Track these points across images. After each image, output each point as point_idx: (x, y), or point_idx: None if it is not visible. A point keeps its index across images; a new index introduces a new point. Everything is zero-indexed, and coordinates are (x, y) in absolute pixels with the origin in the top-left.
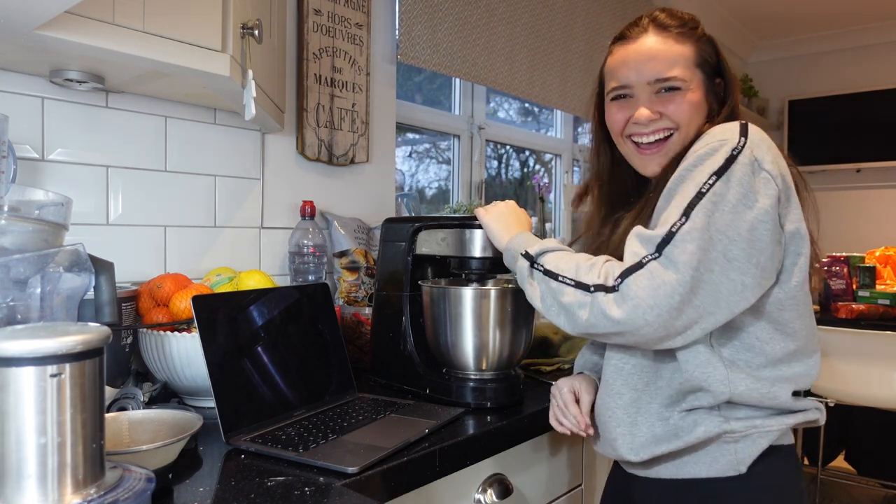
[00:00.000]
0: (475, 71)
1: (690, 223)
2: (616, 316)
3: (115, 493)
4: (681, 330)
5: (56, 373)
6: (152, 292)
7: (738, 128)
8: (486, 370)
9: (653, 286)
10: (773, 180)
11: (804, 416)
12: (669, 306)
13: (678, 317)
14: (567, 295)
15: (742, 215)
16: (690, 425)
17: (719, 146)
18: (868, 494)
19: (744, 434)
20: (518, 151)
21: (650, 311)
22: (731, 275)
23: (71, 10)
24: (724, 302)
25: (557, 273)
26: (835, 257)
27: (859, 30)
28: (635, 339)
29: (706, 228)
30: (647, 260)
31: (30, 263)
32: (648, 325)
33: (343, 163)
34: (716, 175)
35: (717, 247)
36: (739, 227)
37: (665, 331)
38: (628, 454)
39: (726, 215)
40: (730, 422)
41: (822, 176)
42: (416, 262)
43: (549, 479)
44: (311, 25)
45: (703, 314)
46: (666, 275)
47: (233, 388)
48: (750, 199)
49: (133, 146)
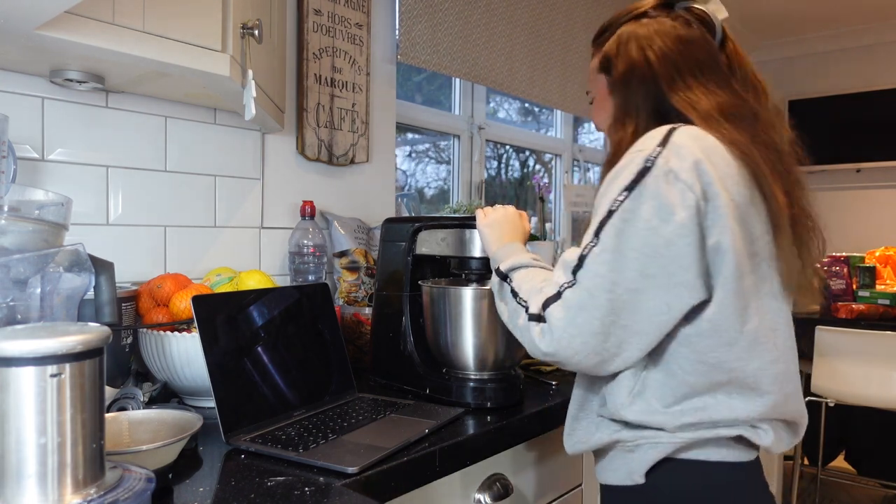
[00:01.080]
0: (475, 71)
1: (601, 245)
2: (543, 348)
3: (115, 493)
4: (615, 351)
5: (56, 373)
6: (152, 292)
7: (660, 135)
8: (486, 370)
9: (569, 316)
10: (690, 189)
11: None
12: (591, 332)
13: (606, 339)
14: (521, 318)
15: (657, 231)
16: (594, 430)
17: (633, 158)
18: (868, 494)
19: (636, 444)
20: (518, 151)
21: (574, 340)
22: (653, 293)
23: (71, 10)
24: (653, 322)
25: (518, 293)
26: (835, 257)
27: (859, 30)
28: (573, 366)
29: (617, 249)
30: (563, 289)
31: (30, 263)
32: (577, 353)
33: (343, 163)
34: (626, 191)
35: (631, 265)
36: (655, 243)
37: (598, 356)
38: (566, 447)
39: (640, 232)
40: (621, 431)
41: (822, 176)
42: (416, 262)
43: (549, 479)
44: (311, 25)
45: (634, 333)
46: (582, 302)
47: (233, 388)
48: (665, 213)
49: (133, 146)
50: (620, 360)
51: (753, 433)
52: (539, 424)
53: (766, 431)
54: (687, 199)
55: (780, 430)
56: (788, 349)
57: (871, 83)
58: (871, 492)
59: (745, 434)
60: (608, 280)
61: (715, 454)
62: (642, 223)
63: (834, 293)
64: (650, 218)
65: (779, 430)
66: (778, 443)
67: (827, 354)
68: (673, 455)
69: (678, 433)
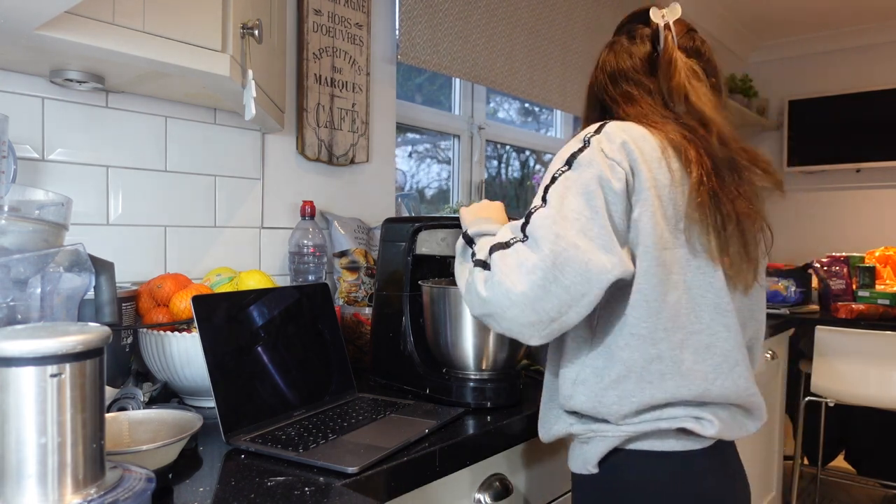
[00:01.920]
0: (475, 71)
1: (547, 206)
2: (483, 294)
3: (115, 493)
4: (554, 315)
5: (56, 373)
6: (152, 292)
7: (596, 125)
8: (486, 370)
9: (517, 263)
10: (620, 165)
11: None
12: (532, 283)
13: (545, 297)
14: (464, 276)
15: (595, 195)
16: (553, 421)
17: (573, 143)
18: (868, 494)
19: (587, 437)
20: (518, 151)
21: (513, 289)
22: (595, 254)
23: (71, 10)
24: (594, 281)
25: (476, 252)
26: (835, 257)
27: (859, 30)
28: (507, 324)
29: (560, 207)
30: (513, 241)
31: (30, 263)
32: (514, 304)
33: (343, 163)
34: (566, 164)
35: (574, 225)
36: (595, 205)
37: (535, 314)
38: (540, 436)
39: (579, 196)
40: (574, 425)
41: (822, 176)
42: (416, 262)
43: (549, 479)
44: (311, 25)
45: (575, 296)
46: (528, 253)
47: (233, 388)
48: (602, 181)
49: (133, 146)
50: (556, 326)
51: (697, 424)
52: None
53: (711, 422)
54: (617, 172)
55: (727, 418)
56: (720, 325)
57: (871, 83)
58: (871, 492)
59: (688, 426)
60: (552, 232)
61: (660, 444)
62: (581, 188)
63: (834, 293)
64: (588, 182)
65: (725, 418)
66: (728, 430)
67: (827, 354)
68: (622, 446)
69: (623, 426)
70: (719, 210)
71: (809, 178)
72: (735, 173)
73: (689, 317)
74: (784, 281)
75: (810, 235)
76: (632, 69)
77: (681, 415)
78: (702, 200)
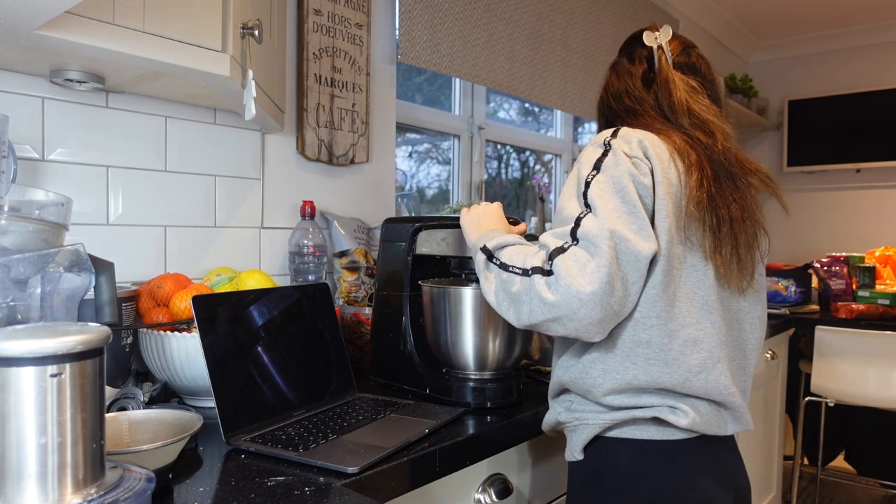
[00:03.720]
0: (475, 71)
1: (593, 209)
2: (550, 299)
3: (115, 493)
4: (617, 309)
5: (56, 373)
6: (152, 292)
7: (610, 130)
8: (487, 370)
9: (579, 266)
10: (642, 161)
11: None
12: (601, 282)
13: (611, 292)
14: (515, 285)
15: (629, 190)
16: (549, 412)
17: (591, 148)
18: (868, 494)
19: (574, 426)
20: (518, 151)
21: (584, 290)
22: (641, 243)
23: (71, 10)
24: (643, 267)
25: (509, 264)
26: (835, 257)
27: (859, 30)
28: (575, 324)
29: (605, 208)
30: (567, 245)
31: (30, 263)
32: (584, 305)
33: (343, 163)
34: (595, 168)
35: (619, 221)
36: (631, 199)
37: (603, 311)
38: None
39: (615, 195)
40: (561, 414)
41: (822, 176)
42: (416, 262)
43: (549, 479)
44: (311, 25)
45: (631, 286)
46: (586, 255)
47: (233, 388)
48: (632, 176)
49: (133, 146)
50: (617, 318)
51: (671, 414)
52: (539, 424)
53: (686, 413)
54: (642, 168)
55: (706, 412)
56: (707, 322)
57: (871, 83)
58: (871, 492)
59: (662, 415)
60: (606, 230)
61: (639, 433)
62: (616, 187)
63: (834, 293)
64: (620, 180)
65: (704, 412)
66: (705, 425)
67: (827, 354)
68: (603, 433)
69: (604, 413)
70: (715, 212)
71: (809, 178)
72: (731, 181)
73: (682, 309)
74: (784, 281)
75: (810, 235)
76: (633, 87)
77: (657, 403)
78: (700, 200)
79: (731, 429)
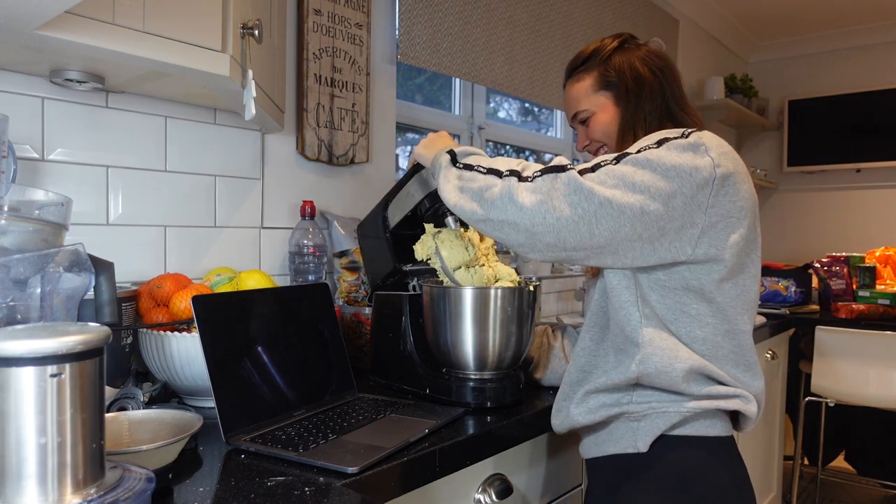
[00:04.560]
0: (475, 71)
1: (620, 165)
2: (523, 202)
3: (115, 493)
4: (568, 247)
5: (56, 373)
6: (152, 292)
7: (687, 129)
8: (486, 370)
9: (566, 191)
10: (713, 167)
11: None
12: (570, 216)
13: (574, 231)
14: (478, 181)
15: (671, 179)
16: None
17: (664, 133)
18: (868, 494)
19: (644, 413)
20: (518, 151)
21: (551, 213)
22: (637, 227)
23: (71, 10)
24: (623, 245)
25: (474, 165)
26: (835, 257)
27: (859, 30)
28: (527, 238)
29: (632, 176)
30: (569, 167)
31: (30, 263)
32: (546, 225)
33: (343, 163)
34: (657, 143)
35: (637, 196)
36: (661, 187)
37: (555, 236)
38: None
39: (654, 174)
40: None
41: (822, 176)
42: (396, 241)
43: (549, 479)
44: (311, 25)
45: (593, 245)
46: (580, 186)
47: (233, 388)
48: (685, 168)
49: (133, 146)
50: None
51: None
52: (539, 424)
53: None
54: (706, 165)
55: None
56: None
57: (871, 83)
58: (871, 492)
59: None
60: (609, 188)
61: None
62: (661, 169)
63: (834, 293)
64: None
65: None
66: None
67: (827, 354)
68: (669, 431)
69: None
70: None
71: (809, 178)
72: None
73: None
74: (784, 281)
75: (810, 235)
76: (678, 77)
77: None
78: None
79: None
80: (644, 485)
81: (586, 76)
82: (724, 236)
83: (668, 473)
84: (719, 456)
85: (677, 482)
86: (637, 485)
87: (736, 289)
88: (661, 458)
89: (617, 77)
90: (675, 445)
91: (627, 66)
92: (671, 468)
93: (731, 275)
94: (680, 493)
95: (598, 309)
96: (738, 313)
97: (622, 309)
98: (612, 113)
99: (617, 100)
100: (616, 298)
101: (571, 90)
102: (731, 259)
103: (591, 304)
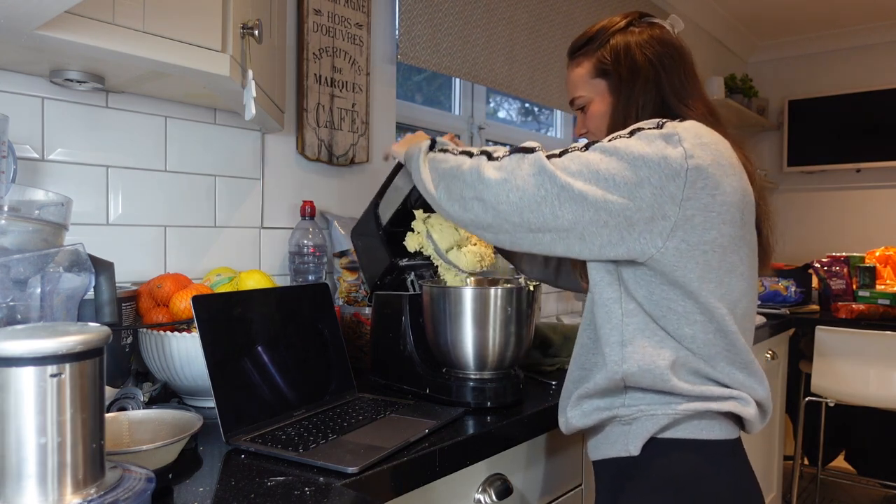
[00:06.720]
0: (475, 71)
1: (588, 153)
2: (489, 177)
3: (115, 493)
4: (533, 228)
5: (56, 373)
6: (152, 292)
7: (667, 118)
8: (486, 370)
9: (531, 171)
10: (685, 158)
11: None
12: (534, 195)
13: (537, 211)
14: (449, 162)
15: (637, 168)
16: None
17: (645, 122)
18: (868, 494)
19: (634, 417)
20: None
21: (514, 192)
22: (602, 214)
23: (71, 10)
24: (589, 231)
25: (448, 149)
26: (835, 257)
27: (859, 30)
28: (494, 218)
29: (597, 164)
30: (538, 149)
31: (30, 263)
32: (510, 203)
33: (343, 163)
34: (629, 133)
35: (599, 184)
36: (627, 176)
37: (519, 215)
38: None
39: (621, 162)
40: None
41: (822, 176)
42: (389, 238)
43: (549, 479)
44: (311, 25)
45: (558, 228)
46: (544, 167)
47: (233, 388)
48: (653, 158)
49: (133, 146)
50: (528, 240)
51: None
52: (539, 424)
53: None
54: (677, 157)
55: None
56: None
57: (871, 83)
58: (871, 492)
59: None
60: (573, 173)
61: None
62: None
63: (834, 293)
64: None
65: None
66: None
67: (827, 354)
68: (660, 434)
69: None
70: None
71: (809, 178)
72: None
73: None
74: (784, 281)
75: (810, 235)
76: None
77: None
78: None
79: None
80: (640, 488)
81: (585, 61)
82: (701, 232)
83: (660, 477)
84: (717, 460)
85: (670, 486)
86: (633, 487)
87: (720, 288)
88: (653, 462)
89: (612, 65)
90: (667, 448)
91: (623, 53)
92: (663, 472)
93: (714, 273)
94: (673, 496)
95: (591, 306)
96: (723, 314)
97: (604, 306)
98: (607, 102)
99: (611, 88)
100: (599, 295)
101: (571, 74)
102: (713, 256)
103: (586, 303)
